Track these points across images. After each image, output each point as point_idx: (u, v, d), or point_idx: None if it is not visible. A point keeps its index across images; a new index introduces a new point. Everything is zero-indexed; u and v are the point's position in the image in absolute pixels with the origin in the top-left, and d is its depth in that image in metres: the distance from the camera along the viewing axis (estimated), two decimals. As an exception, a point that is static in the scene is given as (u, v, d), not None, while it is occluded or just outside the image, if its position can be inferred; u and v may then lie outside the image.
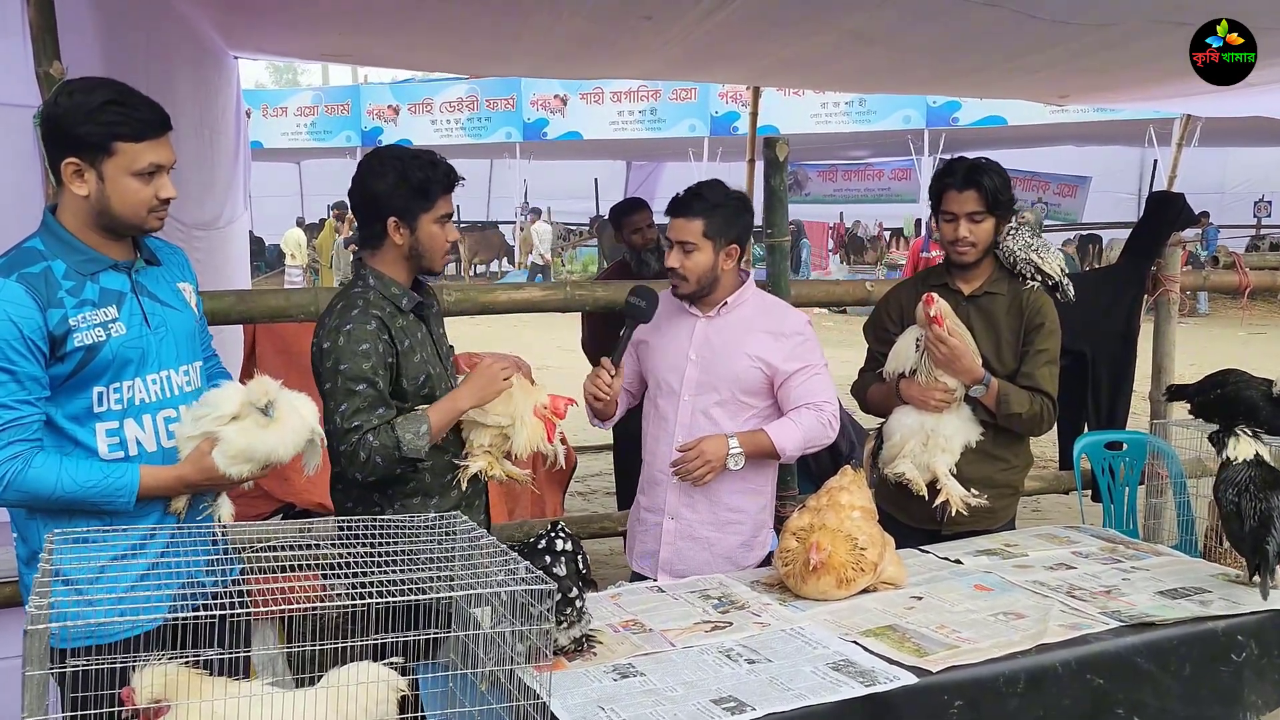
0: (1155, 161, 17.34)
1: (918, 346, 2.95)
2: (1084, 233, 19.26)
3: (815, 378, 2.83)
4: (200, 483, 2.13)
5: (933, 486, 2.95)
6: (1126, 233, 4.86)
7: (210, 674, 1.75)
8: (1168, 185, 8.65)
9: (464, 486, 2.55)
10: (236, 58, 5.68)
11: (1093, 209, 19.15)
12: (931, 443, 2.95)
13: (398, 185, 2.42)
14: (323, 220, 19.08)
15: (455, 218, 2.58)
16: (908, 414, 2.99)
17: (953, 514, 2.93)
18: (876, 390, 3.13)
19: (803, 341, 2.85)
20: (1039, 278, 3.08)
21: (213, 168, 5.05)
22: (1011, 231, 3.08)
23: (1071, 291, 3.16)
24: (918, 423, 2.96)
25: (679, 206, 2.82)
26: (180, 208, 3.67)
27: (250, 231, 7.45)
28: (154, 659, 1.72)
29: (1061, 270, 3.12)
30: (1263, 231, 20.80)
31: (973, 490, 2.95)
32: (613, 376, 2.80)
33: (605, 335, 3.31)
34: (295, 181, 24.68)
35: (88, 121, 2.01)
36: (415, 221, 2.45)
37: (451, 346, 2.76)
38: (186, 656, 1.73)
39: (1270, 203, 21.40)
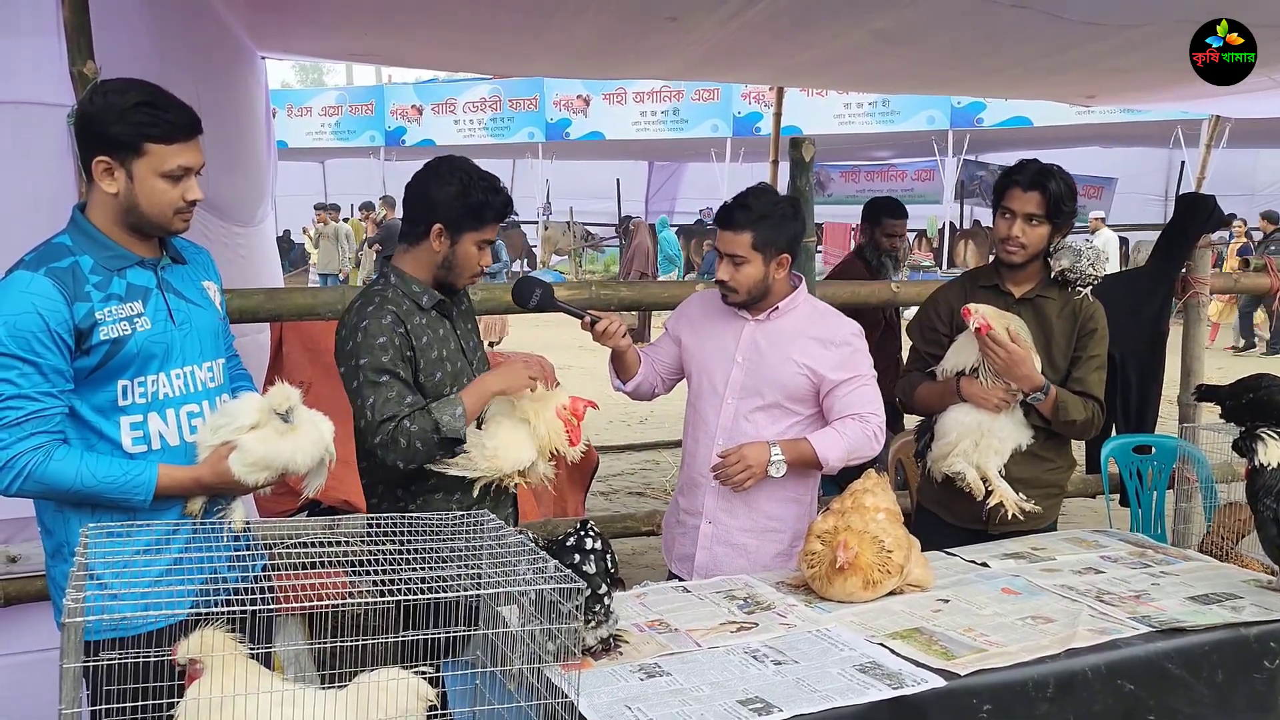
0: (1183, 163, 17.17)
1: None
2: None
3: (863, 388, 2.78)
4: (215, 486, 2.15)
5: (984, 486, 2.94)
6: (1154, 235, 4.82)
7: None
8: (1196, 186, 8.56)
9: (474, 493, 2.55)
10: (264, 58, 5.72)
11: (1119, 211, 18.98)
12: (984, 443, 2.92)
13: (456, 197, 2.46)
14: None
15: None
16: (966, 412, 2.95)
17: (1008, 517, 2.92)
18: (928, 389, 3.09)
19: (852, 352, 2.79)
20: (1098, 280, 3.06)
21: (248, 166, 5.10)
22: (1075, 268, 3.01)
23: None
24: (975, 421, 2.93)
25: (726, 218, 2.75)
26: (219, 205, 3.70)
27: (283, 230, 7.49)
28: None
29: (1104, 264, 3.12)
30: (1293, 234, 20.51)
31: (1023, 495, 2.93)
32: (595, 319, 2.73)
33: None
34: (319, 181, 24.81)
35: (120, 121, 2.03)
36: (459, 236, 2.49)
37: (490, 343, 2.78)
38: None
39: (1303, 205, 21.07)
